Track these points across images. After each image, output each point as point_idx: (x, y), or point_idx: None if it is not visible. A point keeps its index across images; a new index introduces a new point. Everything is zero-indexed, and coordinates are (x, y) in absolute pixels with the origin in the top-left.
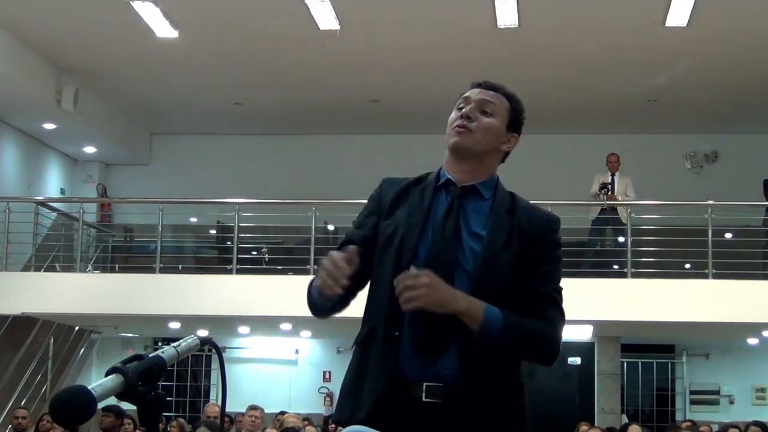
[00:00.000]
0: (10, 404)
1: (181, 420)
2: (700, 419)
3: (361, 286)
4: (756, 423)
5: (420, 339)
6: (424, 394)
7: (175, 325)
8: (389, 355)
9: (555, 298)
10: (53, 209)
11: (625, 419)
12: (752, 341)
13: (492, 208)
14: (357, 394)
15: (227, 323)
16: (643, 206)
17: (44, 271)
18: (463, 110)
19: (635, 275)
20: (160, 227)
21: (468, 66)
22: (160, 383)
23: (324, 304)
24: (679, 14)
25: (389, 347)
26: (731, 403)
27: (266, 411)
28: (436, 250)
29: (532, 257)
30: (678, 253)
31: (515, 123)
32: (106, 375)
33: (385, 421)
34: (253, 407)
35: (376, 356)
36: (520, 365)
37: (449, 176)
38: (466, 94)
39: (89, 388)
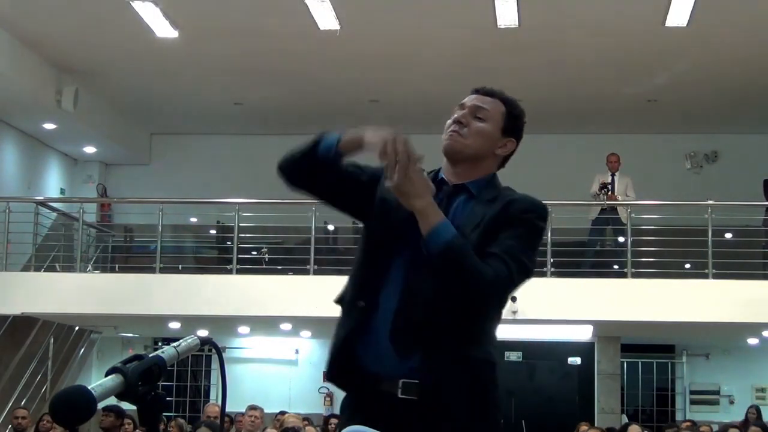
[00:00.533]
0: (10, 404)
1: (180, 420)
2: (700, 419)
3: (341, 189)
4: (756, 423)
5: (400, 337)
6: (400, 390)
7: (175, 325)
8: (350, 319)
9: (505, 258)
10: (53, 209)
11: (625, 419)
12: (752, 341)
13: (474, 201)
14: (345, 399)
15: (227, 323)
16: (643, 206)
17: (44, 271)
18: (457, 115)
19: (635, 275)
20: (160, 227)
21: (468, 66)
22: (160, 383)
23: (306, 155)
24: (679, 14)
25: (357, 321)
26: (731, 403)
27: (266, 411)
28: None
29: (499, 230)
30: (678, 253)
31: (512, 128)
32: (106, 375)
33: (366, 419)
34: (252, 407)
35: (344, 318)
36: (489, 344)
37: (443, 176)
38: (463, 101)
39: (89, 388)
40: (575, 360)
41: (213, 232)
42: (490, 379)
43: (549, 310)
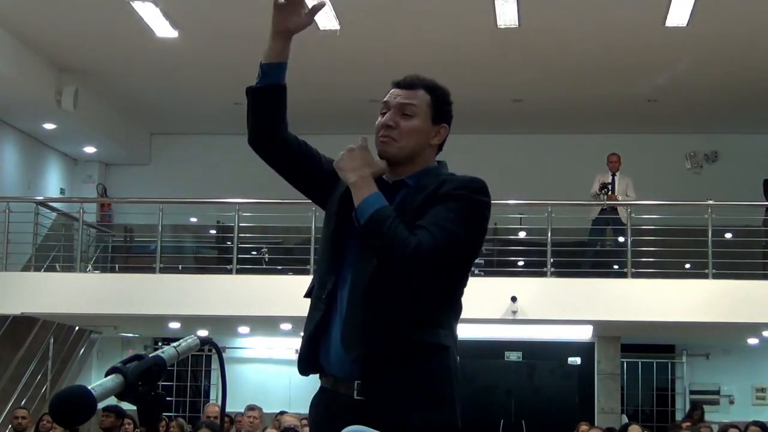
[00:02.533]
0: (10, 404)
1: (181, 420)
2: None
3: (302, 163)
4: (756, 423)
5: (350, 338)
6: (355, 392)
7: (175, 325)
8: (315, 312)
9: (427, 227)
10: (53, 209)
11: (625, 419)
12: (752, 341)
13: (409, 189)
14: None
15: (227, 323)
16: (643, 206)
17: (44, 271)
18: (384, 118)
19: (635, 275)
20: (160, 227)
21: (468, 66)
22: (160, 383)
23: (255, 104)
24: (679, 14)
25: (319, 319)
26: (731, 403)
27: (266, 411)
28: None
29: (432, 203)
30: (678, 253)
31: (441, 114)
32: (106, 375)
33: (327, 420)
34: (251, 407)
35: (311, 310)
36: (439, 326)
37: (384, 177)
38: (386, 98)
39: (89, 388)
40: (575, 360)
41: (213, 232)
42: (441, 365)
43: (549, 310)
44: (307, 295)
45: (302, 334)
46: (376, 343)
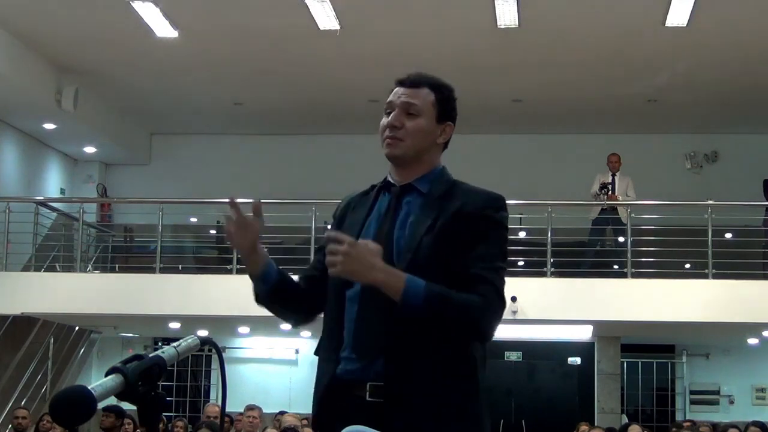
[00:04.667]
0: (10, 404)
1: (186, 421)
2: (700, 419)
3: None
4: (756, 423)
5: (362, 342)
6: (368, 393)
7: (175, 325)
8: (329, 364)
9: (488, 277)
10: (53, 209)
11: (625, 419)
12: (752, 341)
13: (424, 199)
14: (315, 404)
15: (227, 323)
16: (643, 206)
17: (44, 271)
18: (390, 119)
19: (635, 275)
20: (160, 227)
21: (468, 66)
22: (160, 383)
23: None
24: (679, 14)
25: (330, 354)
26: (731, 403)
27: (266, 411)
28: None
29: (464, 236)
30: (678, 253)
31: (445, 112)
32: (106, 375)
33: (334, 421)
34: (250, 407)
35: (321, 364)
36: (468, 344)
37: (390, 179)
38: (390, 98)
39: (89, 388)
40: (575, 360)
41: (213, 232)
42: (465, 374)
43: (549, 310)
44: (315, 353)
45: (315, 387)
46: (398, 348)
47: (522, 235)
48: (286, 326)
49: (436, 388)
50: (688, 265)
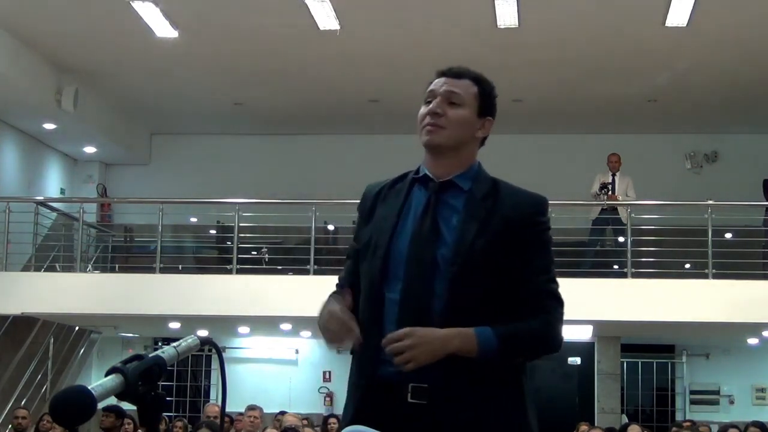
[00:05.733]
0: (10, 404)
1: (185, 420)
2: (700, 419)
3: None
4: (756, 423)
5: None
6: (409, 394)
7: (175, 325)
8: (368, 362)
9: (551, 289)
10: (53, 209)
11: (625, 419)
12: (752, 341)
13: (468, 198)
14: (350, 403)
15: (227, 323)
16: (643, 206)
17: (44, 271)
18: (431, 106)
19: (635, 275)
20: (160, 227)
21: (468, 66)
22: (160, 383)
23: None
24: (679, 14)
25: (370, 353)
26: (731, 403)
27: (266, 411)
28: (414, 250)
29: (518, 244)
30: (678, 253)
31: (486, 107)
32: (106, 375)
33: (373, 422)
34: (251, 407)
35: (360, 362)
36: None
37: (427, 172)
38: (431, 87)
39: (89, 388)
40: (575, 360)
41: (213, 232)
42: (509, 380)
43: None
44: (352, 352)
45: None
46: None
47: None
48: (286, 326)
49: (482, 392)
50: (688, 265)
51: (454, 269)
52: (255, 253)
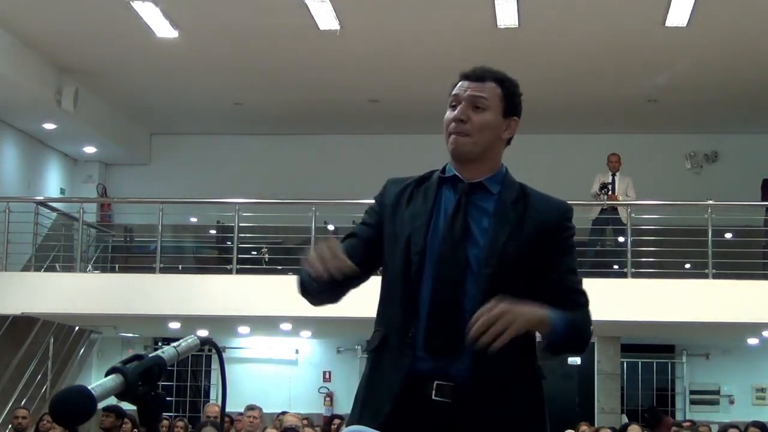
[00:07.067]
0: (10, 404)
1: (185, 421)
2: (700, 419)
3: (354, 285)
4: (756, 423)
5: (436, 341)
6: (434, 392)
7: (175, 325)
8: (404, 360)
9: (582, 289)
10: (53, 209)
11: (625, 419)
12: (752, 341)
13: (498, 202)
14: (373, 401)
15: (227, 323)
16: (643, 206)
17: (44, 271)
18: (456, 113)
19: (635, 275)
20: (160, 227)
21: (468, 66)
22: (160, 383)
23: (311, 284)
24: (679, 14)
25: (404, 352)
26: (731, 403)
27: (266, 411)
28: (446, 250)
29: (547, 248)
30: (678, 253)
31: (511, 107)
32: (106, 375)
33: (396, 419)
34: (251, 407)
35: (391, 363)
36: (535, 358)
37: (455, 172)
38: (455, 91)
39: (89, 388)
40: (575, 360)
41: (213, 232)
42: (533, 383)
43: None
44: (373, 350)
45: (360, 386)
46: (471, 350)
47: None
48: (286, 326)
49: (508, 394)
50: (688, 265)
51: (488, 270)
52: (255, 253)
